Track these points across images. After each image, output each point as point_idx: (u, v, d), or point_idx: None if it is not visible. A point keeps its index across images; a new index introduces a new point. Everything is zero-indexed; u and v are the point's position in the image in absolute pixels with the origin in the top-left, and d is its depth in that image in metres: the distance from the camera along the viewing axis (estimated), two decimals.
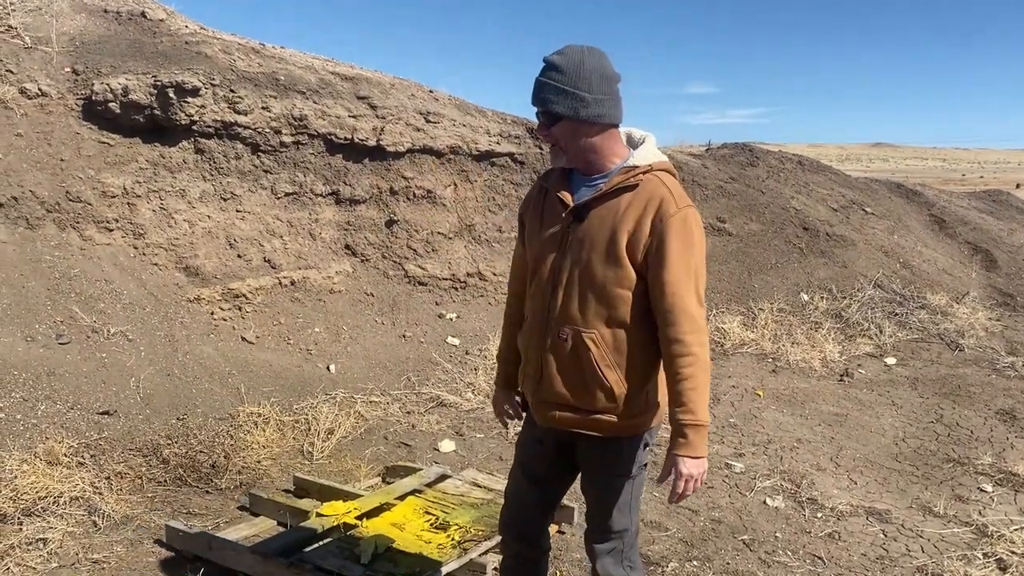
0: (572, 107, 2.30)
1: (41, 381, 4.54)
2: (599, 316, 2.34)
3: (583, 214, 2.36)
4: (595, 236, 2.33)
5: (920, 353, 7.74)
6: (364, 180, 7.11)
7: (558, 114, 2.32)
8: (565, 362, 2.39)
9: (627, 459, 2.50)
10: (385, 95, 7.43)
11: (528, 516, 2.70)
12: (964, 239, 11.82)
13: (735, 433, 5.55)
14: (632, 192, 2.32)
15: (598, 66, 2.32)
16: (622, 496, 2.52)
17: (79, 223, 5.54)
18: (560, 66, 2.31)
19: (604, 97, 2.32)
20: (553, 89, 2.31)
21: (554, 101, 2.31)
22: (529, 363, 2.50)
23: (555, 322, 2.39)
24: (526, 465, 2.67)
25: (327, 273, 6.69)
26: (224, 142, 6.37)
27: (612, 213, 2.32)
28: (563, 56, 2.32)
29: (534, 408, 2.51)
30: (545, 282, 2.42)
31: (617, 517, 2.53)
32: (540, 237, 2.46)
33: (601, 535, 2.57)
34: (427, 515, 3.80)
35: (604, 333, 2.34)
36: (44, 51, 6.06)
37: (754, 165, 11.31)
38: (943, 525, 4.29)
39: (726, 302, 8.39)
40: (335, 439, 4.95)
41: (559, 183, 2.46)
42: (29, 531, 3.60)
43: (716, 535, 4.09)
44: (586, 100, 2.30)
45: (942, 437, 5.64)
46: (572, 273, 2.36)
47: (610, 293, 2.32)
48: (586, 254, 2.33)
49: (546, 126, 2.36)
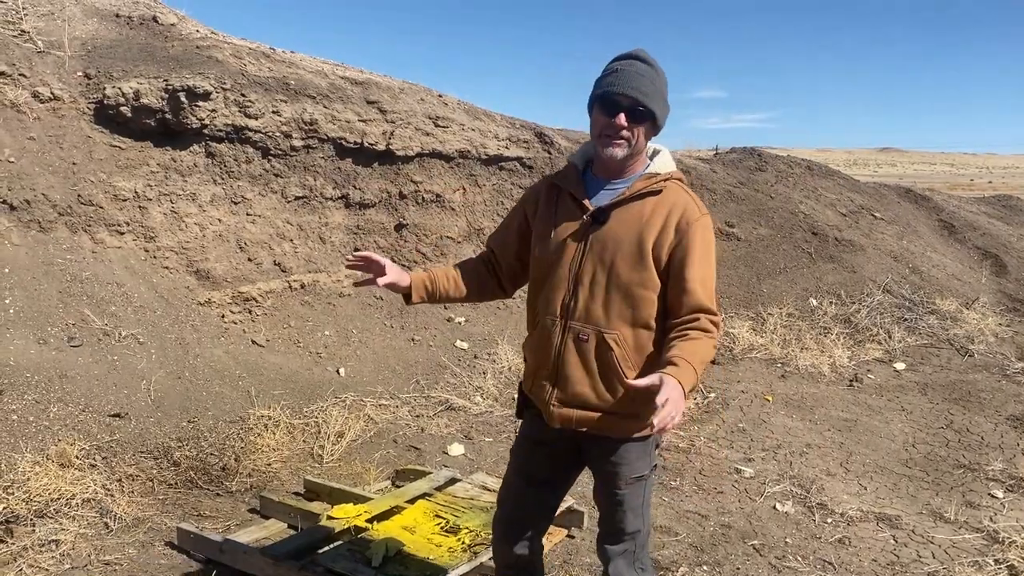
0: (662, 112, 2.36)
1: (53, 384, 4.57)
2: (622, 317, 2.35)
3: (604, 216, 2.36)
4: (620, 238, 2.33)
5: (930, 358, 7.72)
6: (373, 184, 7.14)
7: (652, 113, 2.32)
8: (586, 363, 2.38)
9: (641, 460, 2.50)
10: (395, 99, 7.45)
11: (527, 519, 2.69)
12: (973, 244, 11.79)
13: (744, 438, 5.54)
14: (656, 197, 2.36)
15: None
16: (635, 498, 2.52)
17: (91, 226, 5.57)
18: (654, 66, 2.34)
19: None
20: (652, 87, 2.32)
21: (653, 98, 2.32)
22: (542, 364, 2.46)
23: (576, 323, 2.38)
24: (526, 468, 2.64)
25: (337, 276, 6.71)
26: (235, 146, 6.39)
27: (637, 217, 2.34)
28: (651, 60, 2.35)
29: (549, 409, 2.46)
30: (564, 282, 2.39)
31: (631, 519, 2.53)
32: (553, 238, 2.43)
33: (614, 538, 2.56)
34: (437, 518, 3.80)
35: (626, 334, 2.35)
36: (57, 55, 6.09)
37: (762, 170, 11.31)
38: (954, 531, 4.28)
39: (735, 307, 8.39)
40: (345, 442, 4.96)
41: (576, 184, 2.45)
42: (41, 533, 3.61)
43: (726, 540, 4.08)
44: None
45: (952, 443, 5.62)
46: (596, 274, 2.35)
47: (635, 294, 2.33)
48: (611, 256, 2.34)
49: (632, 119, 2.31)
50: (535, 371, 2.51)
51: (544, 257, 2.46)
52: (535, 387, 2.51)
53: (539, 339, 2.48)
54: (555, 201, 2.48)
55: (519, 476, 2.65)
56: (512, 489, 2.68)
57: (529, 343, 2.56)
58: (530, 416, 2.61)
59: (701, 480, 4.81)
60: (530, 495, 2.65)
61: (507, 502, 2.70)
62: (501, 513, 2.72)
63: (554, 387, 2.43)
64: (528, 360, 2.57)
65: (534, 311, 2.53)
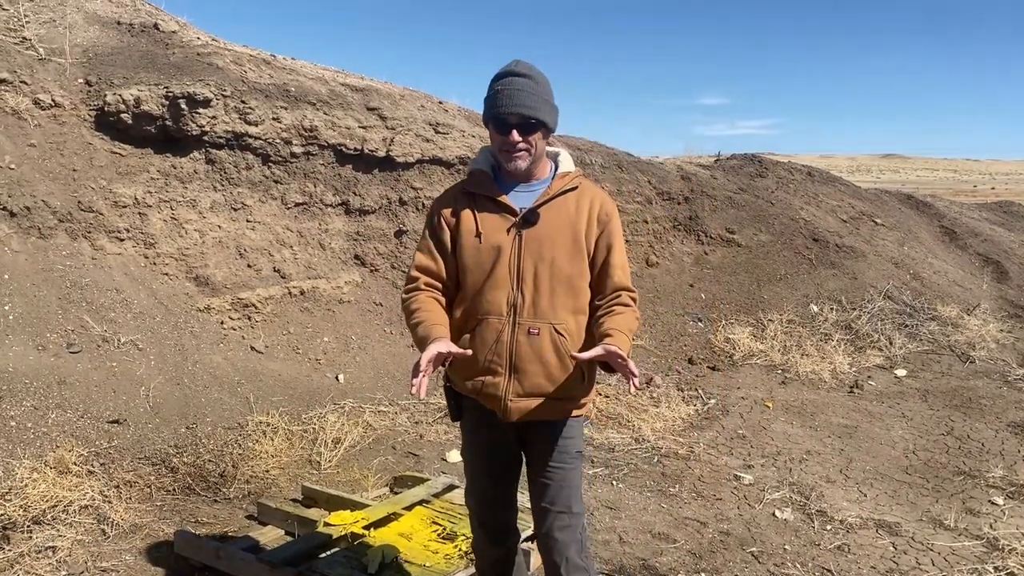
0: (551, 117, 2.51)
1: (52, 390, 4.57)
2: (567, 308, 2.52)
3: (534, 216, 2.51)
4: (555, 234, 2.51)
5: (930, 365, 7.71)
6: (374, 190, 7.15)
7: (542, 122, 2.47)
8: (540, 355, 2.50)
9: (578, 440, 2.67)
10: (395, 106, 7.47)
11: (503, 515, 2.82)
12: (975, 251, 11.78)
13: (744, 444, 5.53)
14: (575, 192, 2.57)
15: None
16: (577, 475, 2.67)
17: (91, 233, 5.58)
18: (534, 76, 2.47)
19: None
20: (535, 98, 2.44)
21: (539, 109, 2.45)
22: (492, 362, 2.51)
23: (525, 319, 2.49)
24: (487, 466, 2.76)
25: (336, 283, 6.71)
26: (235, 152, 6.41)
27: (565, 213, 2.54)
28: (528, 67, 2.48)
29: (505, 404, 2.53)
30: (505, 281, 2.49)
31: (575, 497, 2.66)
32: (484, 242, 2.51)
33: (566, 520, 2.63)
34: (435, 525, 3.80)
35: (570, 323, 2.53)
36: (58, 62, 6.12)
37: (763, 176, 11.31)
38: (954, 538, 4.26)
39: (735, 313, 8.38)
40: (343, 449, 4.96)
41: (493, 188, 2.56)
42: (39, 539, 3.61)
43: (725, 547, 4.07)
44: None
45: (953, 450, 5.60)
46: (538, 270, 2.49)
47: (576, 285, 2.53)
48: (549, 252, 2.50)
49: (524, 132, 2.45)
50: (480, 370, 2.54)
51: (478, 262, 2.53)
52: (484, 386, 2.55)
53: (483, 339, 2.52)
54: (473, 207, 2.57)
55: (484, 477, 2.77)
56: (482, 493, 2.81)
57: (470, 343, 2.53)
58: (473, 417, 2.70)
59: (700, 487, 4.80)
60: (499, 492, 2.78)
61: (482, 504, 2.83)
62: (481, 518, 2.84)
63: (509, 382, 2.51)
64: (463, 362, 2.54)
65: (468, 314, 2.56)
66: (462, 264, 2.56)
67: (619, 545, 4.01)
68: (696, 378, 7.02)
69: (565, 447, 2.63)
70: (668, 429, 5.71)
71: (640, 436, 5.52)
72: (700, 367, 7.32)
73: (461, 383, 2.63)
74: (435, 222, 2.61)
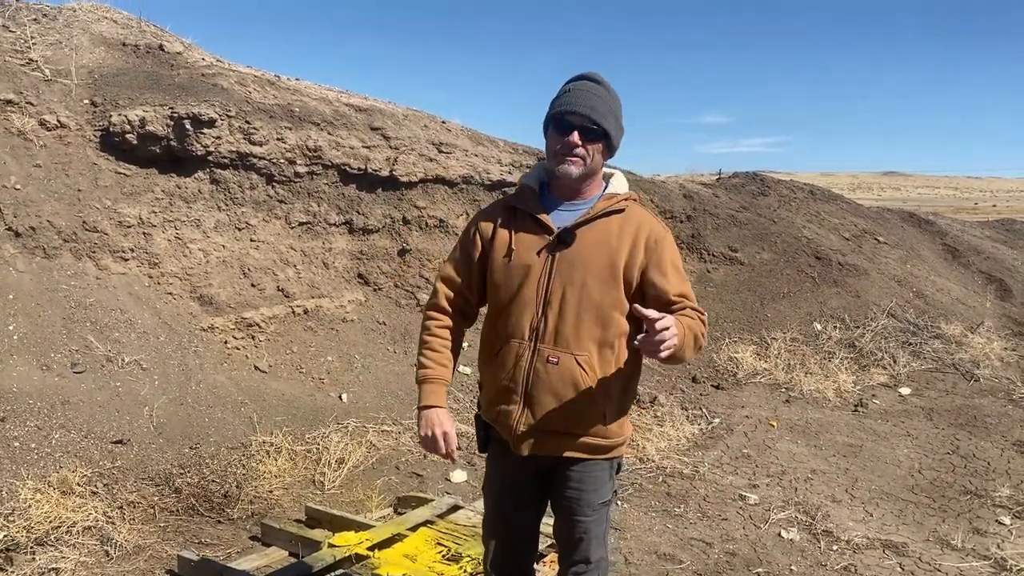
0: (616, 131, 2.35)
1: (56, 410, 4.57)
2: (592, 338, 2.32)
3: (570, 237, 2.32)
4: (589, 259, 2.31)
5: (935, 383, 7.68)
6: (377, 210, 7.17)
7: (605, 132, 2.31)
8: (556, 386, 2.32)
9: (605, 485, 2.47)
10: (398, 126, 7.50)
11: (520, 555, 2.63)
12: (977, 268, 11.77)
13: (749, 464, 5.51)
14: (620, 216, 2.36)
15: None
16: (599, 525, 2.48)
17: (95, 253, 5.59)
18: (607, 87, 2.34)
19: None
20: (605, 107, 2.30)
21: (606, 118, 2.30)
22: (509, 389, 2.38)
23: (545, 346, 2.32)
24: (506, 502, 2.56)
25: (340, 302, 6.72)
26: (239, 172, 6.44)
27: (604, 237, 2.33)
28: (604, 81, 2.34)
29: (516, 436, 2.39)
30: (531, 304, 2.33)
31: (595, 547, 2.49)
32: (514, 260, 2.36)
33: (582, 568, 2.50)
34: (439, 546, 3.78)
35: (595, 355, 2.33)
36: (64, 83, 6.16)
37: (765, 194, 11.33)
38: (961, 559, 4.23)
39: (739, 331, 8.37)
40: (347, 469, 4.94)
41: (535, 205, 2.39)
42: (42, 561, 3.60)
43: (730, 568, 4.05)
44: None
45: (959, 468, 5.58)
46: (566, 295, 2.30)
47: (606, 315, 2.32)
48: (581, 276, 2.30)
49: (585, 138, 2.29)
50: (498, 397, 2.42)
51: (507, 280, 2.38)
52: (500, 415, 2.42)
53: (503, 363, 2.39)
54: (511, 223, 2.41)
55: (503, 511, 2.58)
56: (500, 526, 2.61)
57: (490, 368, 2.46)
58: (496, 450, 2.54)
59: (705, 507, 4.78)
60: (517, 529, 2.59)
61: (498, 540, 2.62)
62: (494, 557, 2.62)
63: (521, 412, 2.37)
64: (487, 386, 2.47)
65: (496, 335, 2.43)
66: (492, 281, 2.41)
67: (625, 566, 3.99)
68: (700, 397, 7.00)
69: (588, 500, 2.43)
70: (672, 448, 5.69)
71: (644, 455, 5.50)
72: (704, 386, 7.30)
73: (486, 409, 2.50)
74: (469, 235, 2.48)
